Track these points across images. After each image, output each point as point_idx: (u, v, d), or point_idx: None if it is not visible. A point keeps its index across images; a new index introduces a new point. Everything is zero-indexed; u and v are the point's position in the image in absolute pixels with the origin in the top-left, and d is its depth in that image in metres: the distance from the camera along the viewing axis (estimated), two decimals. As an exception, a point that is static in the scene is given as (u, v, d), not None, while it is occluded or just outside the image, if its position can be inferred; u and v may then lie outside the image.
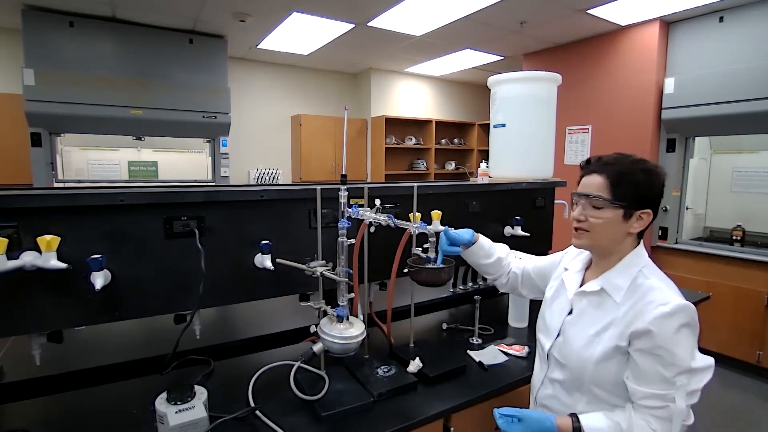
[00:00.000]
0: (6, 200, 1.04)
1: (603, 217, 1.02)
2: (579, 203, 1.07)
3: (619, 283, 1.03)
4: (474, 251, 1.40)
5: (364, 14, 3.70)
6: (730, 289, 3.34)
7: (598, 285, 1.06)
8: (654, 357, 0.93)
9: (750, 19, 3.36)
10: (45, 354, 1.23)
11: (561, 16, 3.69)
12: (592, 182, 1.04)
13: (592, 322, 1.05)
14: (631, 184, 1.00)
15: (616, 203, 1.00)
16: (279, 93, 5.54)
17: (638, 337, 0.95)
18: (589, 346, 1.03)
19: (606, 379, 1.01)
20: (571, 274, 1.18)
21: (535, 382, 1.22)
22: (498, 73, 2.27)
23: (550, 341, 1.14)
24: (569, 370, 1.08)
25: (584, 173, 1.08)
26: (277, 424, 1.11)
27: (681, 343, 0.93)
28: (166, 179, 4.32)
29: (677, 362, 0.92)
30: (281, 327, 1.72)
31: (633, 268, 1.03)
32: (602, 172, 1.03)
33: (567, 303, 1.14)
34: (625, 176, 1.01)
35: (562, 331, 1.12)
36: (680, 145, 3.83)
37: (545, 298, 1.25)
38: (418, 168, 6.19)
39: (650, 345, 0.93)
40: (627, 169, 1.01)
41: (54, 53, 3.57)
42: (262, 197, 1.35)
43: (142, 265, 1.21)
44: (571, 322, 1.10)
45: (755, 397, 3.07)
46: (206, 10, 3.60)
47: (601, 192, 1.02)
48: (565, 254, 1.30)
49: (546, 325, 1.19)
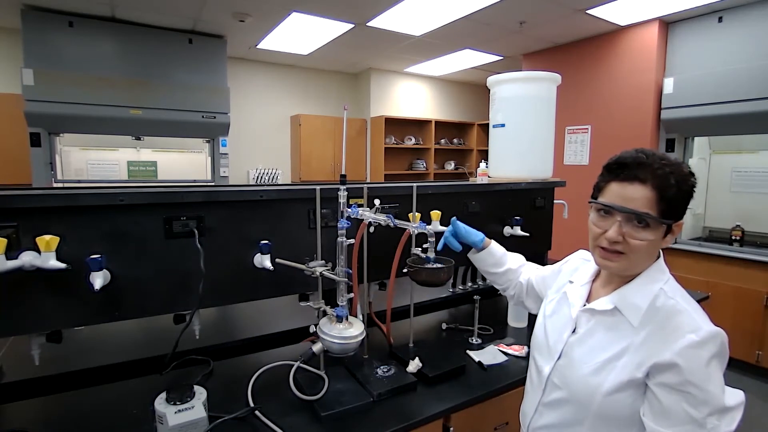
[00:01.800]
0: (5, 200, 1.04)
1: (647, 239, 0.83)
2: (615, 218, 0.85)
3: (637, 302, 0.87)
4: (482, 257, 1.33)
5: (363, 14, 3.70)
6: (730, 289, 3.34)
7: (610, 303, 0.90)
8: (681, 394, 0.78)
9: (749, 19, 3.36)
10: (44, 354, 1.22)
11: (561, 16, 3.69)
12: (635, 194, 0.83)
13: (602, 345, 0.90)
14: (681, 196, 0.83)
15: (666, 222, 0.83)
16: (278, 93, 5.54)
17: (662, 371, 0.80)
18: (598, 373, 0.87)
19: (617, 415, 0.86)
20: (575, 288, 1.03)
21: (527, 411, 1.06)
22: (498, 73, 2.28)
23: (550, 364, 0.98)
24: (572, 400, 0.92)
25: (617, 178, 0.86)
26: (277, 424, 1.11)
27: (712, 377, 0.78)
28: (165, 179, 4.32)
29: (709, 400, 0.77)
30: (281, 327, 1.72)
31: (653, 285, 0.88)
32: (645, 180, 0.82)
33: (569, 320, 0.98)
34: (674, 188, 0.82)
35: (564, 353, 0.96)
36: (679, 145, 3.84)
37: (543, 313, 1.11)
38: (417, 168, 6.19)
39: (677, 380, 0.78)
40: (673, 178, 0.82)
41: (53, 53, 3.57)
42: (262, 197, 1.35)
43: (142, 265, 1.21)
44: (575, 343, 0.95)
45: (755, 397, 3.07)
46: (206, 10, 3.59)
47: (649, 208, 0.82)
48: (565, 263, 1.16)
49: (544, 344, 1.03)
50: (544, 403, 1.00)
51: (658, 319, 0.84)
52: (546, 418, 0.99)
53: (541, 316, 1.11)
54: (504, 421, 1.41)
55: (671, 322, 0.83)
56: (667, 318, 0.84)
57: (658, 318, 0.85)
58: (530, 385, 1.08)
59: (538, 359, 1.05)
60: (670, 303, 0.85)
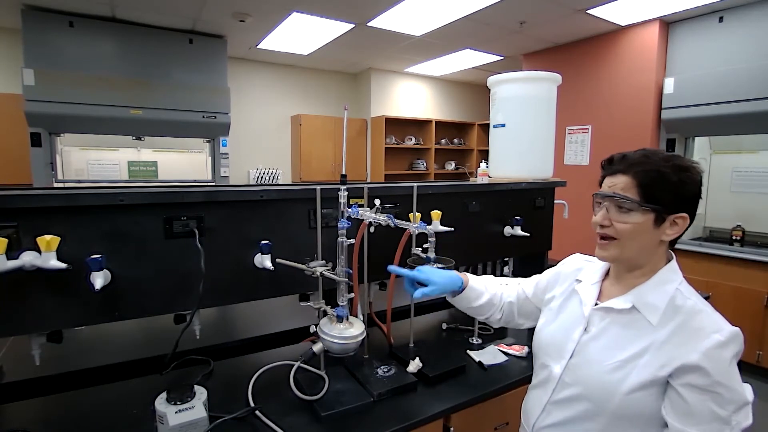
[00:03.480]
0: (6, 200, 1.04)
1: (631, 221, 0.88)
2: (602, 205, 0.93)
3: (655, 302, 0.89)
4: (466, 296, 1.19)
5: (364, 14, 3.70)
6: (730, 289, 3.34)
7: (628, 302, 0.91)
8: (709, 394, 0.80)
9: (750, 19, 3.36)
10: (45, 354, 1.22)
11: (561, 16, 3.69)
12: (617, 182, 0.91)
13: (620, 344, 0.90)
14: (662, 184, 0.87)
15: (647, 206, 0.87)
16: (279, 93, 5.54)
17: (688, 372, 0.81)
18: (617, 371, 0.88)
19: (636, 413, 0.86)
20: (586, 286, 1.03)
21: (532, 409, 1.05)
22: (498, 73, 2.27)
23: (561, 363, 0.98)
24: (587, 397, 0.92)
25: (607, 173, 0.94)
26: (277, 424, 1.11)
27: (735, 374, 0.81)
28: (165, 179, 4.32)
29: (735, 398, 0.80)
30: (281, 327, 1.72)
31: (669, 285, 0.90)
32: (628, 171, 0.89)
33: (581, 318, 0.99)
34: (656, 175, 0.87)
35: (577, 352, 0.96)
36: (680, 145, 3.83)
37: (549, 311, 1.10)
38: (417, 168, 6.19)
39: (706, 382, 0.80)
40: (657, 166, 0.87)
41: (54, 53, 3.57)
42: (262, 197, 1.35)
43: (142, 265, 1.21)
44: (589, 341, 0.95)
45: (755, 397, 3.07)
46: (206, 10, 3.59)
47: (629, 193, 0.88)
48: (562, 265, 1.16)
49: (551, 343, 1.03)
50: (554, 401, 0.99)
51: (680, 318, 0.86)
52: (554, 416, 0.98)
53: (546, 316, 1.11)
54: (504, 421, 1.41)
55: (694, 322, 0.84)
56: (690, 318, 0.85)
57: (679, 317, 0.86)
58: (536, 384, 1.07)
59: (545, 359, 1.04)
60: (689, 303, 0.87)
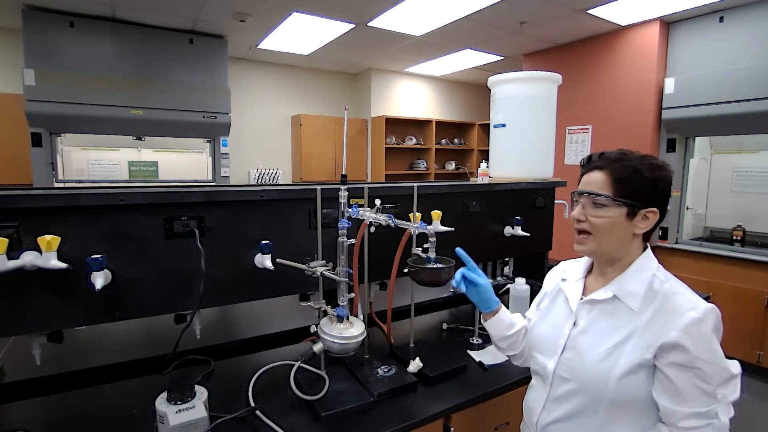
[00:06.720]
0: (6, 200, 1.04)
1: (605, 216, 0.93)
2: (579, 202, 0.99)
3: (634, 289, 0.94)
4: (500, 319, 1.16)
5: (364, 14, 3.70)
6: (730, 289, 3.34)
7: (609, 292, 0.96)
8: (691, 371, 0.84)
9: (750, 19, 3.36)
10: (45, 354, 1.23)
11: (561, 16, 3.69)
12: (593, 179, 0.96)
13: (606, 333, 0.94)
14: (635, 180, 0.92)
15: (619, 200, 0.92)
16: (279, 93, 5.54)
17: (669, 350, 0.85)
18: (607, 359, 0.91)
19: (631, 399, 0.90)
20: (571, 284, 1.08)
21: (534, 407, 1.07)
22: (498, 73, 2.28)
23: (554, 358, 1.01)
24: (583, 390, 0.95)
25: (585, 170, 1.00)
26: (277, 424, 1.11)
27: (716, 349, 0.85)
28: (166, 179, 4.32)
29: (717, 372, 0.84)
30: (281, 327, 1.72)
31: (646, 272, 0.95)
32: (604, 168, 0.95)
33: (569, 314, 1.03)
34: (629, 172, 0.92)
35: (568, 346, 0.99)
36: (680, 145, 3.83)
37: (538, 311, 1.14)
38: (418, 168, 6.18)
39: (686, 358, 0.84)
40: (630, 164, 0.93)
41: (54, 53, 3.57)
42: (263, 197, 1.35)
43: (143, 265, 1.21)
44: (579, 334, 0.99)
45: (755, 397, 3.07)
46: (206, 10, 3.60)
47: (603, 189, 0.94)
48: (546, 281, 1.20)
49: (544, 341, 1.06)
50: (552, 398, 1.01)
51: (658, 301, 0.91)
52: (555, 413, 1.00)
53: (535, 315, 1.15)
54: (504, 421, 1.41)
55: (670, 303, 0.90)
56: (666, 300, 0.90)
57: (658, 301, 0.91)
58: (535, 383, 1.10)
59: (539, 357, 1.07)
60: (666, 287, 0.93)
